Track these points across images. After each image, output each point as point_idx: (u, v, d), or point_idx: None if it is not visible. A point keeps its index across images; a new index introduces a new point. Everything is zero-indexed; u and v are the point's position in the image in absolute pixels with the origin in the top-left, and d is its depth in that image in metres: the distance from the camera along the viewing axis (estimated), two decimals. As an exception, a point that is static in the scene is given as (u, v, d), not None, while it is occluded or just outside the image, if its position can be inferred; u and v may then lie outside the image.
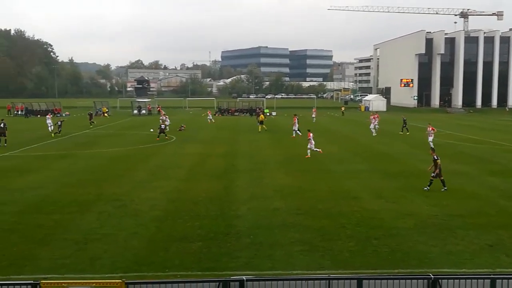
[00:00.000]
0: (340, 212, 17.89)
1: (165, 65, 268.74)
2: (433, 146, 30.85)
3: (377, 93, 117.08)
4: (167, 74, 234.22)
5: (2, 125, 36.61)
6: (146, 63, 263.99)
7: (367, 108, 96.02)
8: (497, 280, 8.96)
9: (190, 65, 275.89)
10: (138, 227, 15.99)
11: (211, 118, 63.29)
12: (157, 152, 34.37)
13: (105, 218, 17.04)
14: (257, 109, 79.36)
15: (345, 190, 21.76)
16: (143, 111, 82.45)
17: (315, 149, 31.87)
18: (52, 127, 46.47)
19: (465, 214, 17.68)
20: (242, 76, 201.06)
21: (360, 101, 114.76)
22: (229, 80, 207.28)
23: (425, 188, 21.39)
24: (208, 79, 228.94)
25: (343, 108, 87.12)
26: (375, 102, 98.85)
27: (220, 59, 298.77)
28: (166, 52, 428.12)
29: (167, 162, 29.81)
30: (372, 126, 46.47)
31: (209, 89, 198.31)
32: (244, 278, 8.55)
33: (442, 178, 21.35)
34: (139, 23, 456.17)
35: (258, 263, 12.88)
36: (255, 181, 23.77)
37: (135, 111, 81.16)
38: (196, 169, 27.23)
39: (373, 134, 45.12)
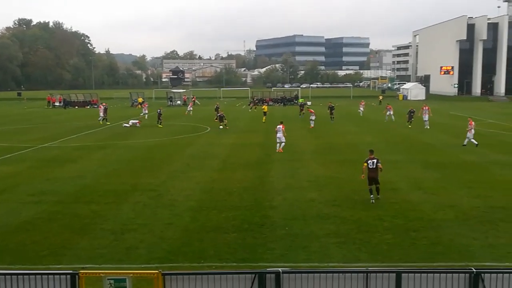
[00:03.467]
0: (377, 204, 17.55)
1: (199, 55, 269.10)
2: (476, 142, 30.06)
3: (416, 81, 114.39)
4: (202, 64, 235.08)
5: (220, 113, 43.98)
6: (181, 53, 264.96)
7: (405, 97, 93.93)
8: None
9: (225, 55, 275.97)
10: (173, 217, 16.07)
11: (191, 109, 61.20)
12: (192, 142, 34.54)
13: (141, 208, 17.20)
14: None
15: (382, 181, 21.13)
16: (178, 102, 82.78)
17: (279, 146, 29.48)
18: (102, 118, 48.97)
19: (508, 206, 17.03)
20: (277, 65, 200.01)
21: (398, 89, 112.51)
22: (264, 69, 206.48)
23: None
24: (243, 69, 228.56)
25: (380, 97, 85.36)
26: (413, 90, 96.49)
27: (254, 49, 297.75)
28: (200, 42, 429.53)
29: (202, 152, 29.92)
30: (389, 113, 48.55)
31: (244, 79, 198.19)
32: (280, 271, 8.40)
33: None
34: (175, 13, 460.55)
35: (294, 255, 12.74)
36: (290, 171, 23.58)
37: (169, 102, 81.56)
38: (230, 159, 27.22)
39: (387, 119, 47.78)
